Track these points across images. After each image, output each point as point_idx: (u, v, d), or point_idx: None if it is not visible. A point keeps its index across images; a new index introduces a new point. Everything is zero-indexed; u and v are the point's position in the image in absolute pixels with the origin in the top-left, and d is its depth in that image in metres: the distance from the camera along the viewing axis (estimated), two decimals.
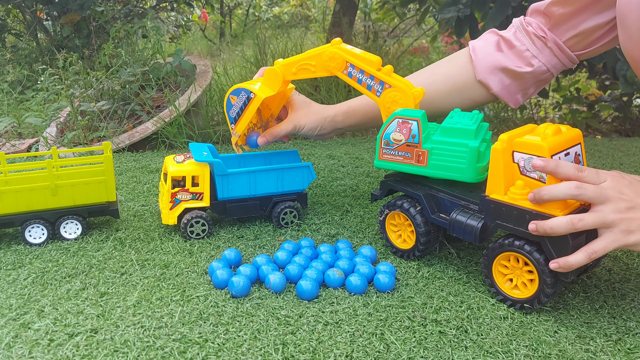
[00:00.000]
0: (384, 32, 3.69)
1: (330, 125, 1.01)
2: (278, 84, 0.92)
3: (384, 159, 0.84)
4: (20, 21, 2.76)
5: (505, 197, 0.72)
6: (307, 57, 0.90)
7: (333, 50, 0.88)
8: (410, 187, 0.84)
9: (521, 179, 0.71)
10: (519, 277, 0.72)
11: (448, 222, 0.78)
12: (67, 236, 0.94)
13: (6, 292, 0.77)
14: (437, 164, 0.80)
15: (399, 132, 0.81)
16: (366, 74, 0.87)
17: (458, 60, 0.99)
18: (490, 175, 0.73)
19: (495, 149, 0.71)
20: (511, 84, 0.95)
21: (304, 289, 0.74)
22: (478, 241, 0.74)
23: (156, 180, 1.29)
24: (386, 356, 0.63)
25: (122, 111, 1.74)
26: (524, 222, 0.69)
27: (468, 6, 1.82)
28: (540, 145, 0.68)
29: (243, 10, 5.24)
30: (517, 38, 0.93)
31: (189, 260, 0.87)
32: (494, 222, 0.73)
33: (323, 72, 0.90)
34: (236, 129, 0.95)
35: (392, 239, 0.88)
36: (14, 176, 0.91)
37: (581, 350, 0.64)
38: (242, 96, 0.92)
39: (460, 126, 0.78)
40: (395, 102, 0.85)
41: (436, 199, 0.82)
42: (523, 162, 0.70)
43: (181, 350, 0.63)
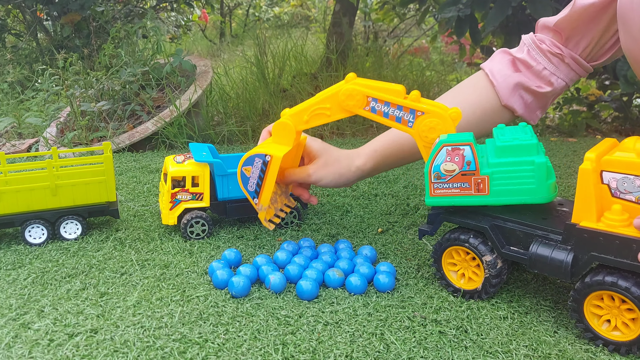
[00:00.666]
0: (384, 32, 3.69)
1: (355, 175, 0.89)
2: (291, 137, 0.82)
3: (437, 194, 0.73)
4: (21, 21, 2.76)
5: (600, 224, 0.63)
6: (320, 101, 0.80)
7: (350, 87, 0.78)
8: (470, 219, 0.73)
9: (616, 203, 0.62)
10: (617, 317, 0.63)
11: (527, 256, 0.68)
12: (67, 236, 0.94)
13: (6, 292, 0.77)
14: (501, 189, 0.70)
15: (451, 161, 0.71)
16: (392, 105, 0.77)
17: (478, 85, 0.93)
18: (578, 200, 0.64)
19: (585, 169, 0.62)
20: (532, 102, 0.92)
21: (304, 289, 0.74)
22: (569, 277, 0.65)
23: (156, 180, 1.29)
24: (386, 356, 0.63)
25: (122, 111, 1.74)
26: (629, 252, 0.60)
27: (468, 6, 1.82)
28: (638, 164, 0.60)
29: (243, 11, 5.24)
30: (532, 57, 0.90)
31: (189, 260, 0.87)
32: (588, 255, 0.63)
33: (341, 113, 0.80)
34: (261, 202, 0.83)
35: (451, 279, 0.77)
36: (14, 176, 0.91)
37: (581, 350, 0.64)
38: (257, 163, 0.81)
39: (519, 142, 0.69)
40: (433, 129, 0.75)
41: (504, 230, 0.72)
42: (615, 183, 0.62)
43: (181, 351, 0.63)
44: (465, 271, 0.75)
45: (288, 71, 2.26)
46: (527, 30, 1.06)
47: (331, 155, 0.88)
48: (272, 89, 2.02)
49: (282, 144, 0.82)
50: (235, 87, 2.07)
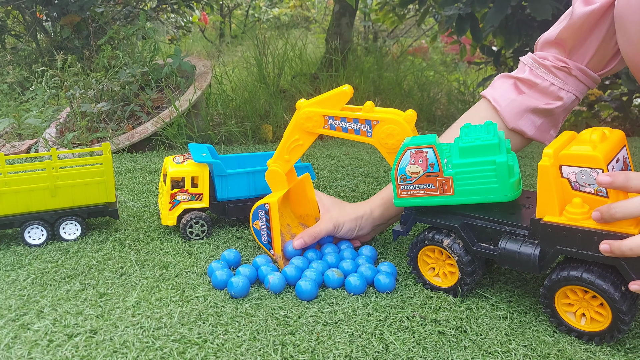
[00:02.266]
0: (384, 33, 3.69)
1: (368, 223, 0.90)
2: (283, 180, 0.86)
3: (404, 196, 0.75)
4: (20, 22, 2.76)
5: (562, 218, 0.64)
6: (289, 135, 0.84)
7: (305, 111, 0.81)
8: (441, 219, 0.75)
9: (576, 196, 0.63)
10: (586, 308, 0.65)
11: (497, 252, 0.69)
12: (66, 237, 0.94)
13: (5, 292, 0.77)
14: (465, 189, 0.71)
15: (415, 163, 0.73)
16: (348, 120, 0.79)
17: (481, 114, 0.92)
18: (540, 195, 0.65)
19: (543, 165, 0.63)
20: (543, 123, 0.90)
21: (303, 289, 0.74)
22: (538, 271, 0.66)
23: (156, 181, 1.29)
24: (385, 356, 0.63)
25: (121, 112, 1.74)
26: (592, 244, 0.61)
27: (468, 5, 1.82)
28: (593, 156, 0.61)
29: (242, 11, 5.24)
30: (536, 75, 0.88)
31: (189, 260, 0.87)
32: (554, 248, 0.65)
33: (309, 137, 0.83)
34: (275, 251, 0.85)
35: (428, 277, 0.78)
36: (14, 177, 0.91)
37: (580, 350, 0.64)
38: (262, 215, 0.85)
39: (480, 142, 0.70)
40: (390, 135, 0.77)
41: (474, 227, 0.73)
42: (574, 177, 0.63)
43: (180, 351, 0.63)
44: (441, 269, 0.77)
45: (288, 72, 2.26)
46: (527, 30, 1.06)
47: (345, 207, 0.90)
48: (271, 89, 2.02)
49: (278, 190, 0.86)
50: (235, 88, 2.07)
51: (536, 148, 1.54)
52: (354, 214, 0.89)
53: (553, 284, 0.65)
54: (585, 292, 0.64)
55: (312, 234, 0.86)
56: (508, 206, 0.74)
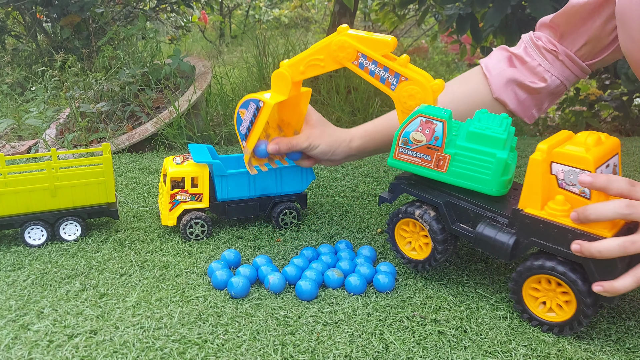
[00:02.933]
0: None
1: (343, 151, 0.91)
2: (287, 87, 0.84)
3: (399, 158, 0.77)
4: (20, 23, 2.77)
5: (542, 212, 0.65)
6: (314, 52, 0.82)
7: (341, 39, 0.79)
8: (427, 193, 0.76)
9: (560, 193, 0.65)
10: (552, 299, 0.67)
11: (473, 235, 0.71)
12: (66, 237, 0.94)
13: (6, 293, 0.77)
14: (458, 171, 0.73)
15: (421, 132, 0.73)
16: (379, 65, 0.78)
17: (473, 79, 0.95)
18: (526, 187, 0.66)
19: (535, 159, 0.65)
20: (526, 99, 0.92)
21: (303, 289, 0.74)
22: (509, 258, 0.68)
23: (156, 181, 1.29)
24: (385, 356, 0.63)
25: (121, 112, 1.74)
26: (565, 241, 0.63)
27: (468, 5, 1.82)
28: (584, 158, 0.62)
29: (242, 12, 5.24)
30: (528, 53, 0.91)
31: (189, 261, 0.87)
32: (529, 239, 0.66)
33: (333, 64, 0.82)
34: (247, 146, 0.86)
35: (402, 248, 0.81)
36: (14, 177, 0.91)
37: (580, 350, 0.64)
38: (252, 107, 0.83)
39: (489, 133, 0.71)
40: (412, 97, 0.77)
41: (457, 207, 0.74)
42: (562, 175, 0.64)
43: (180, 351, 0.63)
44: (415, 242, 0.80)
45: None
46: (527, 29, 1.07)
47: (327, 129, 0.92)
48: None
49: (278, 93, 0.85)
50: (235, 88, 2.07)
51: None
52: (331, 138, 0.90)
53: (526, 270, 0.67)
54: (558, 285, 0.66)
55: (288, 145, 0.88)
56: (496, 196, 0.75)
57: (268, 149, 0.88)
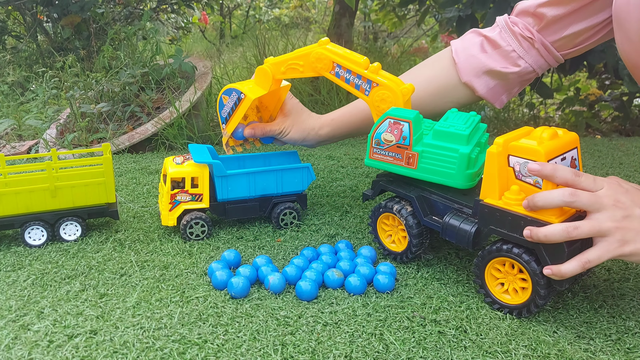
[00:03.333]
0: (384, 33, 3.69)
1: (314, 138, 1.00)
2: (268, 82, 0.92)
3: (374, 158, 0.83)
4: (21, 23, 2.77)
5: (499, 202, 0.70)
6: (295, 57, 0.90)
7: (320, 51, 0.88)
8: (402, 189, 0.83)
9: (516, 184, 0.69)
10: (511, 282, 0.71)
11: (441, 225, 0.76)
12: (66, 238, 0.94)
13: (6, 293, 0.77)
14: (426, 167, 0.78)
15: (390, 132, 0.80)
16: (353, 74, 0.86)
17: (440, 62, 0.97)
18: (485, 178, 0.71)
19: (491, 152, 0.69)
20: (496, 85, 0.94)
21: (303, 289, 0.74)
22: (471, 246, 0.73)
23: (156, 181, 1.29)
24: (385, 356, 0.63)
25: (122, 113, 1.74)
26: (518, 228, 0.67)
27: (469, 6, 1.82)
28: (536, 150, 0.67)
29: (243, 12, 5.24)
30: (503, 38, 0.92)
31: (189, 261, 0.87)
32: (488, 227, 0.71)
33: (311, 72, 0.89)
34: (226, 129, 0.95)
35: (383, 240, 0.87)
36: (14, 178, 0.91)
37: (580, 350, 0.64)
38: (233, 96, 0.92)
39: (453, 130, 0.76)
40: (384, 101, 0.84)
41: (429, 201, 0.80)
42: (519, 167, 0.69)
43: (180, 351, 0.63)
44: (395, 236, 0.86)
45: None
46: None
47: (300, 116, 0.99)
48: None
49: (259, 86, 0.93)
50: None
51: None
52: (302, 125, 0.99)
53: (486, 254, 0.72)
54: (519, 271, 0.70)
55: (262, 130, 0.98)
56: (466, 190, 0.79)
57: (244, 133, 0.98)
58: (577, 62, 1.84)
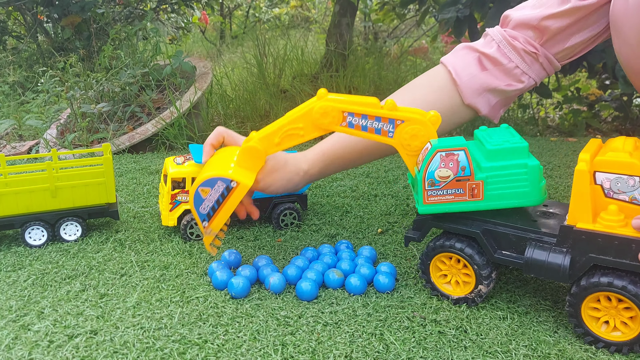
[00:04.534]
0: (384, 33, 3.69)
1: (304, 180, 0.87)
2: (260, 162, 0.77)
3: (430, 202, 0.71)
4: (21, 23, 2.77)
5: (597, 225, 0.62)
6: (292, 121, 0.75)
7: (323, 104, 0.74)
8: (459, 224, 0.72)
9: (612, 203, 0.62)
10: (614, 317, 0.64)
11: (523, 261, 0.67)
12: (67, 238, 0.94)
13: (6, 293, 0.77)
14: (495, 193, 0.69)
15: (445, 167, 0.69)
16: (370, 118, 0.73)
17: (438, 83, 0.89)
18: (574, 201, 0.63)
19: (581, 170, 0.62)
20: (497, 102, 0.89)
21: (304, 289, 0.74)
22: (568, 280, 0.65)
23: (156, 181, 1.29)
24: (385, 356, 0.63)
25: (122, 113, 1.74)
26: (628, 253, 0.60)
27: (468, 6, 1.82)
28: (632, 163, 0.60)
29: (243, 12, 5.25)
30: (503, 54, 0.85)
31: (189, 261, 0.87)
32: (586, 256, 0.63)
33: (315, 132, 0.75)
34: (211, 227, 0.77)
35: (440, 286, 0.76)
36: (14, 178, 0.91)
37: (580, 350, 0.64)
38: (219, 187, 0.75)
39: (509, 145, 0.68)
40: (415, 137, 0.73)
41: (495, 234, 0.71)
42: (609, 184, 0.62)
43: (181, 352, 0.63)
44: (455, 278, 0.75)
45: (288, 72, 2.26)
46: None
47: (278, 160, 0.83)
48: (272, 90, 2.02)
49: (248, 170, 0.77)
50: (236, 88, 2.07)
51: None
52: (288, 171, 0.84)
53: (581, 290, 0.64)
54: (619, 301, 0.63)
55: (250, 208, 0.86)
56: (529, 215, 0.72)
57: None
58: (577, 62, 1.84)
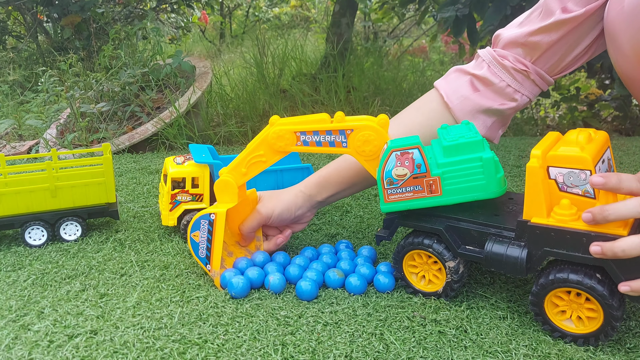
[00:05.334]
0: (384, 33, 3.69)
1: (306, 202, 0.88)
2: (234, 193, 0.81)
3: (391, 200, 0.73)
4: (21, 23, 2.77)
5: (550, 219, 0.63)
6: (253, 150, 0.80)
7: (276, 129, 0.78)
8: (423, 222, 0.74)
9: (565, 197, 0.63)
10: (575, 311, 0.65)
11: (483, 255, 0.69)
12: (66, 237, 0.94)
13: (6, 293, 0.77)
14: (453, 188, 0.70)
15: (401, 165, 0.71)
16: (321, 133, 0.77)
17: (430, 106, 0.89)
18: (528, 196, 0.64)
19: (532, 166, 0.63)
20: (494, 123, 0.88)
21: (304, 289, 0.74)
22: (525, 273, 0.66)
23: (156, 181, 1.29)
24: (385, 356, 0.63)
25: (122, 112, 1.74)
26: (580, 246, 0.61)
27: (467, 6, 1.82)
28: (582, 157, 0.61)
29: (243, 11, 5.24)
30: (494, 74, 0.85)
31: (189, 261, 0.87)
32: (542, 250, 0.64)
33: (275, 156, 0.80)
34: (213, 267, 0.79)
35: (414, 282, 0.77)
36: (14, 178, 0.91)
37: (580, 350, 0.64)
38: (204, 225, 0.79)
39: (464, 140, 0.70)
40: (367, 142, 0.75)
41: (458, 230, 0.72)
42: (562, 178, 0.63)
43: (181, 351, 0.63)
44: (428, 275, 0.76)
45: (288, 72, 2.26)
46: None
47: (277, 194, 0.88)
48: (271, 89, 2.02)
49: (226, 202, 0.81)
50: (235, 88, 2.07)
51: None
52: (285, 194, 0.87)
53: (541, 289, 0.65)
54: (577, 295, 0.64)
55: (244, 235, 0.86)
56: (491, 210, 0.73)
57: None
58: None
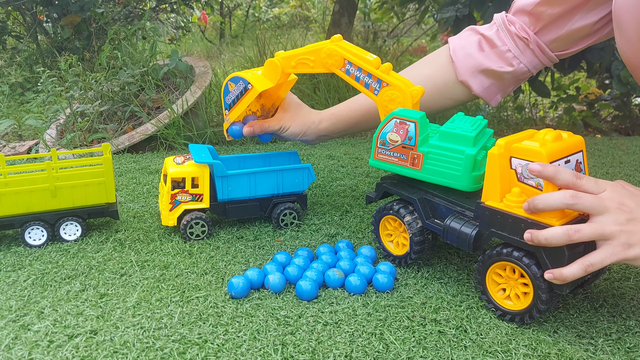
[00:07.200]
0: (384, 32, 3.69)
1: (313, 132, 1.00)
2: (277, 75, 0.92)
3: (378, 158, 0.82)
4: (21, 23, 2.77)
5: (501, 204, 0.69)
6: (307, 52, 0.90)
7: (331, 47, 0.87)
8: (405, 191, 0.82)
9: (518, 186, 0.68)
10: (513, 288, 0.70)
11: (442, 228, 0.76)
12: (66, 238, 0.94)
13: (6, 293, 0.77)
14: (431, 168, 0.77)
15: (396, 132, 0.79)
16: (364, 72, 0.86)
17: (438, 60, 0.98)
18: (487, 181, 0.70)
19: (492, 154, 0.68)
20: (491, 85, 0.95)
21: (304, 289, 0.74)
22: (472, 249, 0.72)
23: (156, 181, 1.29)
24: (385, 356, 0.63)
25: (121, 112, 1.74)
26: (519, 231, 0.66)
27: (467, 6, 1.82)
28: (538, 152, 0.65)
29: (243, 11, 5.24)
30: (499, 37, 0.92)
31: (189, 261, 0.87)
32: (489, 230, 0.70)
33: (321, 68, 0.89)
34: (229, 116, 0.96)
35: (385, 242, 0.86)
36: (14, 178, 0.91)
37: (580, 350, 0.64)
38: (240, 85, 0.92)
39: (459, 132, 0.75)
40: (392, 101, 0.84)
41: (432, 204, 0.80)
42: (521, 169, 0.67)
43: (181, 351, 0.63)
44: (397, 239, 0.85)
45: None
46: None
47: (299, 111, 0.99)
48: None
49: (267, 79, 0.93)
50: None
51: None
52: (302, 120, 0.99)
53: (487, 259, 0.71)
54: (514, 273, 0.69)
55: (261, 127, 0.97)
56: (469, 193, 0.78)
57: (244, 132, 0.97)
58: (576, 60, 1.84)
